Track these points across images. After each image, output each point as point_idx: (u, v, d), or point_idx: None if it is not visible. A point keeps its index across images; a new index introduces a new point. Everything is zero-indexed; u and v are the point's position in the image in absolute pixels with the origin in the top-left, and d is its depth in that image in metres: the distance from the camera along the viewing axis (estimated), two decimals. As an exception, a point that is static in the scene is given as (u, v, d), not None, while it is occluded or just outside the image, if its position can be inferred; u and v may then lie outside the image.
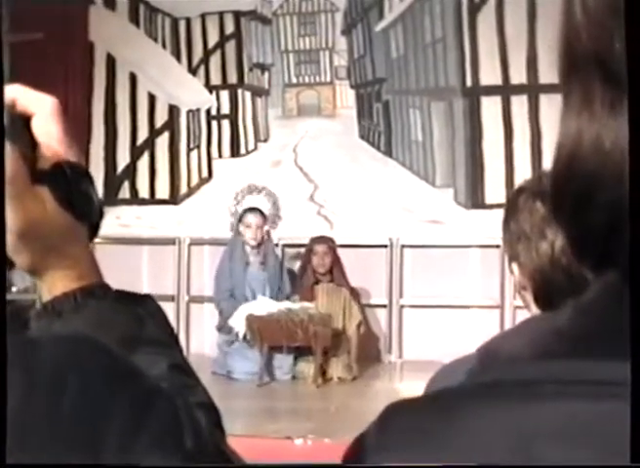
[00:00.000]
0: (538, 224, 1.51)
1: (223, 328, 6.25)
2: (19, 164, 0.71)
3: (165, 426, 0.59)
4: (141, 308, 0.76)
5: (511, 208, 1.58)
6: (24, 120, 0.74)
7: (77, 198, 0.75)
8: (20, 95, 0.74)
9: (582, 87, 0.45)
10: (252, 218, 6.42)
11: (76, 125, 7.26)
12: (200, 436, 0.61)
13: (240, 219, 6.47)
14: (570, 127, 0.46)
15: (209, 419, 0.69)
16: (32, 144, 0.74)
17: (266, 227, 6.46)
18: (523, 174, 6.76)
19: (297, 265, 6.79)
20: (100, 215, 0.78)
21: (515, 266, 1.56)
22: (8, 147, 0.69)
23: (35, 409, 0.56)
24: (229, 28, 7.70)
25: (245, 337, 6.06)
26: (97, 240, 0.80)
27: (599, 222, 0.45)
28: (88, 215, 0.76)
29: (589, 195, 0.45)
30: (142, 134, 7.80)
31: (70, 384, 0.57)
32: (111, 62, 7.77)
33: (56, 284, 0.75)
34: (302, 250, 6.70)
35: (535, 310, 1.54)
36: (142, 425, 0.58)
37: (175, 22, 7.74)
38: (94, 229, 0.78)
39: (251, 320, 5.98)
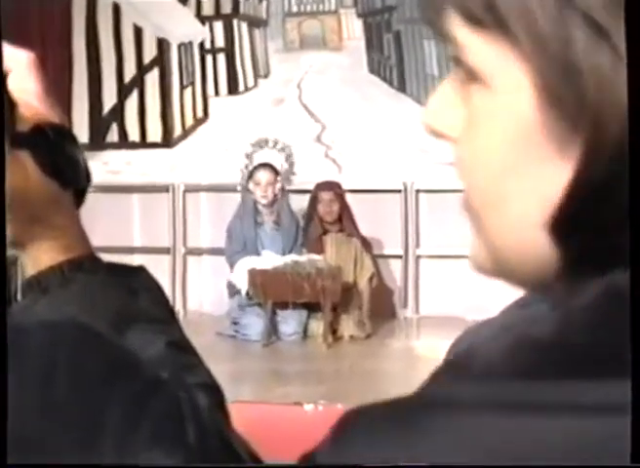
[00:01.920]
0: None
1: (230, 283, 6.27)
2: None
3: (166, 420, 0.60)
4: (135, 281, 0.76)
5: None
6: None
7: (61, 162, 0.75)
8: None
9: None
10: (262, 175, 6.42)
11: (55, 63, 7.22)
12: (203, 428, 0.61)
13: (250, 176, 6.45)
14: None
15: (211, 401, 0.70)
16: (10, 105, 0.74)
17: (279, 184, 6.44)
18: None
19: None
20: (88, 180, 0.78)
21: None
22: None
23: (27, 405, 0.56)
24: (222, -49, 7.62)
25: (248, 294, 6.09)
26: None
27: (613, 219, 0.43)
28: (74, 181, 0.76)
29: (622, 182, 0.42)
30: (130, 71, 7.75)
31: (62, 378, 0.57)
32: (92, -8, 7.70)
33: (40, 257, 0.75)
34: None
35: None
36: (142, 420, 0.59)
37: (162, -54, 7.65)
38: (80, 195, 0.78)
39: (253, 274, 6.00)
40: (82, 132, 7.33)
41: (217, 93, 7.68)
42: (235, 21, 7.65)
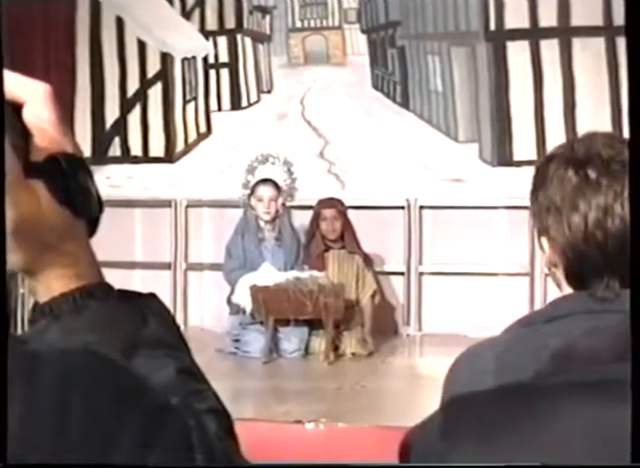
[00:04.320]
0: (569, 195, 1.52)
1: (232, 303, 6.26)
2: (10, 156, 0.72)
3: (176, 447, 0.62)
4: (146, 308, 0.78)
5: (540, 177, 1.59)
6: (15, 108, 0.76)
7: (74, 191, 0.77)
8: (8, 81, 0.76)
9: None
10: (264, 191, 6.40)
11: (59, 77, 7.25)
12: (212, 456, 0.63)
13: (252, 192, 6.45)
14: None
15: (219, 426, 0.72)
16: (24, 134, 0.76)
17: (281, 200, 6.44)
18: (555, 127, 6.74)
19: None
20: (100, 209, 0.80)
21: (545, 241, 1.57)
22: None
23: (38, 430, 0.58)
24: (227, -34, 7.65)
25: (252, 313, 6.08)
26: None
27: None
28: (86, 210, 0.78)
29: None
30: (133, 85, 7.78)
31: (76, 404, 0.59)
32: (96, 5, 7.73)
33: (52, 284, 0.76)
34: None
35: (566, 289, 1.56)
36: (152, 446, 0.60)
37: (166, -40, 7.69)
38: (93, 224, 0.80)
39: (255, 290, 6.00)
40: (84, 145, 7.34)
41: (219, 108, 7.70)
42: (239, 37, 7.68)
